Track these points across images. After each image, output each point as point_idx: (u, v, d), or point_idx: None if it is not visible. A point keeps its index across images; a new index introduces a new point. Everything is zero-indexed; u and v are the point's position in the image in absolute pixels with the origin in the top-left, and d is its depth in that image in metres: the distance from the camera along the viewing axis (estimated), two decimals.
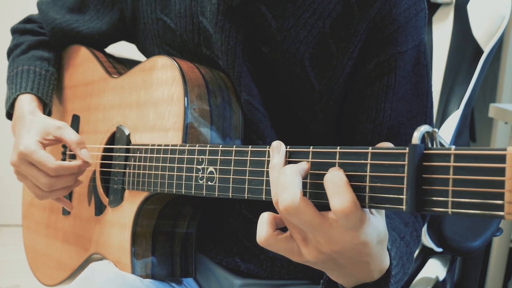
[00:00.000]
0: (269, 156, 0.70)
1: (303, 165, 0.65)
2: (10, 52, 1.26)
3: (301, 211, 0.61)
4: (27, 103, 1.12)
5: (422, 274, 1.38)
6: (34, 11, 1.32)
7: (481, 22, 1.39)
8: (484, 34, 1.38)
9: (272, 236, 0.65)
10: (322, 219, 0.61)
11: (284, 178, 0.62)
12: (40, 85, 1.17)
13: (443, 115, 1.39)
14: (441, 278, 1.35)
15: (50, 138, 1.04)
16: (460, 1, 1.44)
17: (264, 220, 0.66)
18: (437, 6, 1.50)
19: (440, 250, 1.39)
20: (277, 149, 0.67)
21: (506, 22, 1.36)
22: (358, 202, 0.59)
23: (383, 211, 0.64)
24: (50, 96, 1.19)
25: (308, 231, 0.63)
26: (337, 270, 0.67)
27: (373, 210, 0.63)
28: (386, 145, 0.61)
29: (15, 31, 1.29)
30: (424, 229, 1.35)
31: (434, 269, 1.39)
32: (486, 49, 1.38)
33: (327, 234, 0.61)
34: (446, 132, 1.36)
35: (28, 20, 1.29)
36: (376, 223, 0.62)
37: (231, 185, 0.75)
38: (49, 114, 1.20)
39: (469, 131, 1.48)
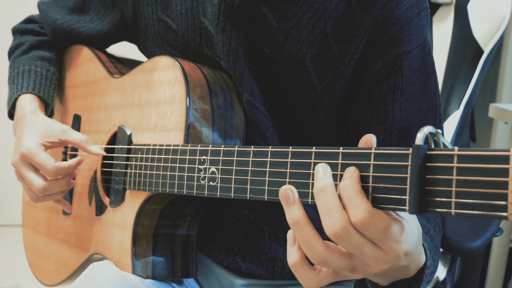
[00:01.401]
0: (271, 157, 0.70)
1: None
2: (11, 52, 1.26)
3: (352, 233, 0.59)
4: (28, 103, 1.12)
5: None
6: (34, 11, 1.31)
7: (481, 22, 1.39)
8: (484, 34, 1.38)
9: (315, 277, 0.64)
10: (365, 240, 0.60)
11: (326, 201, 0.61)
12: (41, 85, 1.17)
13: (443, 115, 1.40)
14: (441, 278, 1.35)
15: (54, 140, 1.04)
16: (460, 1, 1.45)
17: (299, 267, 0.64)
18: (437, 6, 1.50)
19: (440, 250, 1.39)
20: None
21: (506, 22, 1.37)
22: (373, 211, 0.58)
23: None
24: (51, 95, 1.19)
25: (356, 255, 0.61)
26: (378, 277, 0.66)
27: (399, 213, 0.62)
28: None
29: (16, 31, 1.29)
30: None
31: None
32: (486, 49, 1.38)
33: (373, 254, 0.60)
34: (446, 132, 1.37)
35: (29, 20, 1.29)
36: (411, 227, 0.62)
37: (233, 185, 0.75)
38: (51, 114, 1.20)
39: (469, 131, 1.48)
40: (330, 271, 0.64)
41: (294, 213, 0.62)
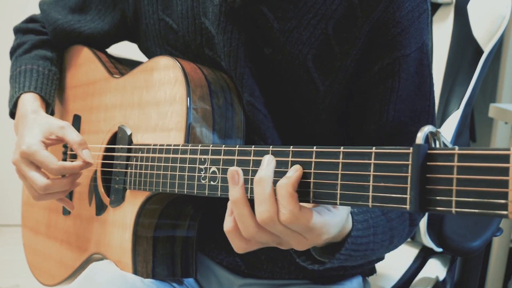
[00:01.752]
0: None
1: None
2: (13, 52, 1.26)
3: (276, 223, 0.68)
4: (30, 102, 1.12)
5: (422, 274, 1.39)
6: (34, 11, 1.32)
7: (481, 22, 1.39)
8: (484, 34, 1.38)
9: (245, 245, 0.74)
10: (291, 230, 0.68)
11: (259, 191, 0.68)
12: (43, 84, 1.17)
13: (443, 115, 1.40)
14: (441, 278, 1.36)
15: (53, 138, 1.04)
16: (460, 1, 1.45)
17: (232, 236, 0.74)
18: (437, 6, 1.50)
19: (440, 250, 1.39)
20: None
21: (506, 22, 1.37)
22: (299, 213, 0.65)
23: None
24: (53, 95, 1.19)
25: (281, 238, 0.71)
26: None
27: (334, 209, 0.70)
28: None
29: (17, 30, 1.29)
30: (424, 229, 1.35)
31: (434, 269, 1.39)
32: (486, 49, 1.38)
33: (296, 239, 0.69)
34: (446, 132, 1.37)
35: (31, 19, 1.29)
36: (339, 219, 0.71)
37: None
38: (52, 113, 1.20)
39: (469, 131, 1.48)
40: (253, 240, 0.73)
41: (235, 193, 0.70)
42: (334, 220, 0.69)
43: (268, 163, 0.69)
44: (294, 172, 0.67)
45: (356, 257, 0.80)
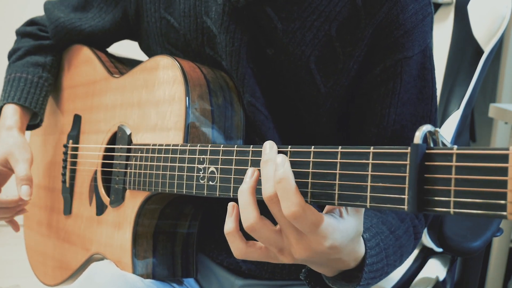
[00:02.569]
0: None
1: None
2: (9, 56, 1.27)
3: (262, 228, 0.67)
4: (8, 116, 1.15)
5: (422, 274, 1.38)
6: (34, 11, 1.32)
7: (481, 22, 1.39)
8: (484, 34, 1.38)
9: (245, 250, 0.71)
10: (292, 227, 0.65)
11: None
12: (29, 94, 1.17)
13: (443, 115, 1.40)
14: (441, 278, 1.35)
15: (8, 166, 1.11)
16: (460, 1, 1.45)
17: (232, 237, 0.71)
18: (437, 6, 1.50)
19: (440, 250, 1.39)
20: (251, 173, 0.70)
21: (506, 22, 1.37)
22: (307, 206, 0.62)
23: (361, 210, 0.68)
24: (40, 103, 1.19)
25: (281, 238, 0.68)
26: (315, 266, 0.71)
27: (343, 213, 0.67)
28: None
29: (17, 33, 1.29)
30: (424, 229, 1.35)
31: (434, 269, 1.39)
32: (486, 49, 1.38)
33: (296, 239, 0.66)
34: (446, 132, 1.37)
35: (31, 22, 1.29)
36: (345, 227, 0.66)
37: (232, 185, 0.75)
38: (40, 121, 1.21)
39: (469, 131, 1.48)
40: (261, 246, 0.70)
41: (246, 184, 0.68)
42: (340, 226, 0.65)
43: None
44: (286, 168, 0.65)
45: (372, 283, 0.78)
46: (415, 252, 1.46)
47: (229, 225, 0.70)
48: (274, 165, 0.65)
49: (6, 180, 1.16)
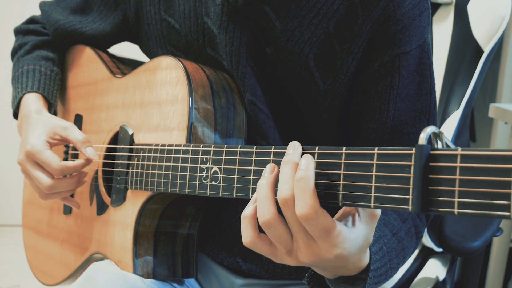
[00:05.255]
0: (274, 156, 0.70)
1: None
2: (14, 53, 1.27)
3: (278, 224, 0.66)
4: (33, 102, 1.12)
5: (422, 274, 1.39)
6: (34, 11, 1.32)
7: (481, 22, 1.39)
8: (484, 34, 1.38)
9: (256, 239, 0.69)
10: (303, 229, 0.65)
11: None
12: (45, 85, 1.17)
13: (443, 115, 1.40)
14: (441, 278, 1.36)
15: (57, 138, 1.04)
16: (460, 1, 1.45)
17: (247, 223, 0.69)
18: (437, 6, 1.50)
19: (440, 250, 1.39)
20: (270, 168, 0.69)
21: (506, 22, 1.37)
22: (320, 210, 0.62)
23: (375, 219, 0.67)
24: (55, 95, 1.19)
25: (292, 239, 0.67)
26: (317, 269, 0.72)
27: (356, 222, 0.66)
28: None
29: (18, 31, 1.29)
30: (424, 229, 1.35)
31: (434, 269, 1.39)
32: (486, 49, 1.38)
33: (306, 243, 0.66)
34: (446, 132, 1.37)
35: (31, 20, 1.29)
36: (356, 237, 0.66)
37: (235, 185, 0.75)
38: (54, 114, 1.20)
39: (469, 131, 1.48)
40: (270, 242, 0.69)
41: (266, 179, 0.67)
42: (351, 236, 0.65)
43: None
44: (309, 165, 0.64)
45: (376, 287, 0.78)
46: (415, 252, 1.46)
47: (249, 209, 0.69)
48: (295, 166, 0.65)
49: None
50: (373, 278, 0.74)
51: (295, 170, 0.65)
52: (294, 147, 0.67)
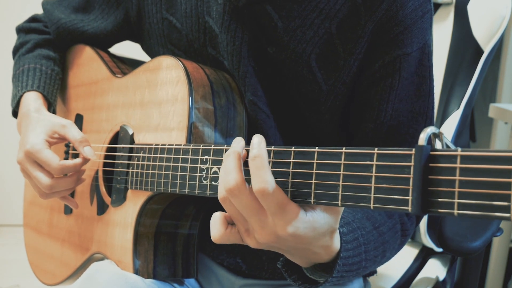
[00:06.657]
0: (274, 157, 0.70)
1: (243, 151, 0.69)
2: (15, 51, 1.27)
3: (242, 192, 0.66)
4: (32, 100, 1.12)
5: (422, 274, 1.39)
6: (34, 11, 1.32)
7: (481, 22, 1.39)
8: (484, 34, 1.38)
9: (224, 233, 0.72)
10: (259, 206, 0.67)
11: (227, 163, 0.68)
12: (46, 84, 1.17)
13: (443, 115, 1.40)
14: (441, 278, 1.36)
15: (56, 136, 1.04)
16: (460, 1, 1.45)
17: (216, 220, 0.73)
18: (437, 6, 1.50)
19: (440, 250, 1.39)
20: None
21: (506, 22, 1.37)
22: (276, 186, 0.65)
23: (334, 209, 0.68)
24: (55, 95, 1.19)
25: (247, 217, 0.68)
26: (286, 254, 0.73)
27: (316, 207, 0.68)
28: None
29: (20, 30, 1.29)
30: (424, 229, 1.35)
31: (434, 269, 1.40)
32: (486, 49, 1.38)
33: (261, 221, 0.67)
34: (446, 132, 1.37)
35: (33, 19, 1.29)
36: (311, 219, 0.67)
37: None
38: (53, 113, 1.20)
39: (469, 131, 1.48)
40: (234, 229, 0.72)
41: (231, 150, 0.69)
42: (306, 217, 0.67)
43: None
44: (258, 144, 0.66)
45: (349, 276, 0.80)
46: (415, 252, 1.46)
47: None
48: (238, 156, 0.68)
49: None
50: (343, 265, 0.75)
51: (238, 160, 0.68)
52: (236, 141, 0.70)
